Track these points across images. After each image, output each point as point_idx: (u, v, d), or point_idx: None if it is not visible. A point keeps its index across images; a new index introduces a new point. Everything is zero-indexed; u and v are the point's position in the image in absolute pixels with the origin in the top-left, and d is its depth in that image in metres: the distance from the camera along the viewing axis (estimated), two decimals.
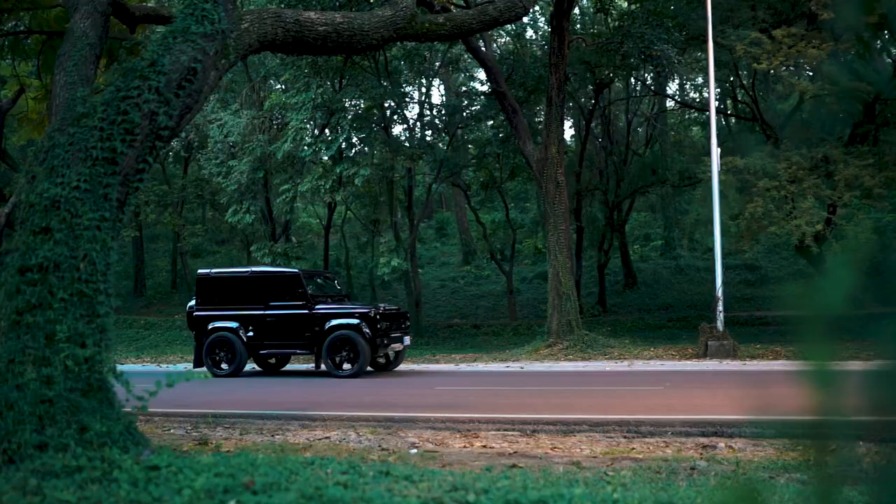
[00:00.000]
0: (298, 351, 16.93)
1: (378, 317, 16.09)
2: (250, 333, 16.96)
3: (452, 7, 17.27)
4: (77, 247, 5.29)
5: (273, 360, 18.45)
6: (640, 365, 17.11)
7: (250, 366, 18.60)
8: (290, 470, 4.56)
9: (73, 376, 4.96)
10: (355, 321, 16.04)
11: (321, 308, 16.55)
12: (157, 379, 5.36)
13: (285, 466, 4.62)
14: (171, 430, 10.20)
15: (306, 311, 16.50)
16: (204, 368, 17.24)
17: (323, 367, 16.43)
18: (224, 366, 17.07)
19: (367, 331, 15.91)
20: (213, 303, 17.31)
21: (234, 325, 17.06)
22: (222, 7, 6.31)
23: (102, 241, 5.39)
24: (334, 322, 16.19)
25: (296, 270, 17.22)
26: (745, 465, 6.51)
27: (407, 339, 17.42)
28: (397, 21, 8.12)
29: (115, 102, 5.73)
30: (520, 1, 9.50)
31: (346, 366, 15.96)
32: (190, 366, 19.20)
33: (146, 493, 3.83)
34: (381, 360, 17.19)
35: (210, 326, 17.20)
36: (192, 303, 17.75)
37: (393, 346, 16.60)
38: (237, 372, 17.03)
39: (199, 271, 18.23)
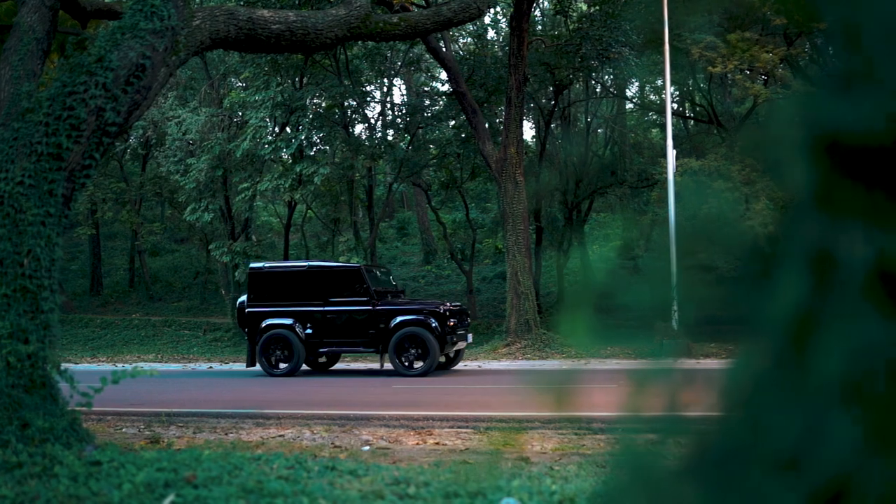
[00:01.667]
0: (361, 349, 16.24)
1: (447, 313, 15.54)
2: (308, 331, 16.16)
3: (413, 7, 17.33)
4: (21, 242, 5.25)
5: (324, 359, 17.57)
6: (596, 364, 17.31)
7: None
8: (235, 465, 4.58)
9: (15, 372, 4.92)
10: (424, 318, 15.44)
11: (385, 304, 15.91)
12: (105, 377, 5.34)
13: (229, 461, 4.64)
14: (124, 430, 10.13)
15: (370, 308, 15.81)
16: (258, 367, 16.54)
17: (388, 365, 15.82)
18: (280, 365, 16.28)
19: (437, 327, 15.29)
20: (267, 298, 16.47)
21: (290, 321, 16.25)
22: (172, 4, 6.31)
23: (47, 237, 5.36)
24: (401, 319, 15.56)
25: (357, 265, 16.63)
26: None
27: (469, 337, 16.82)
28: (351, 20, 8.17)
29: (60, 98, 5.70)
30: (474, 2, 9.61)
31: (415, 364, 15.37)
32: (143, 365, 18.74)
33: (85, 488, 3.83)
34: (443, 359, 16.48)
35: (264, 324, 16.34)
36: (243, 299, 16.95)
37: (459, 343, 16.03)
38: (294, 371, 16.23)
39: (252, 265, 17.40)
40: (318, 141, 25.29)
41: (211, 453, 4.97)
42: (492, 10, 26.39)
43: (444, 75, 28.18)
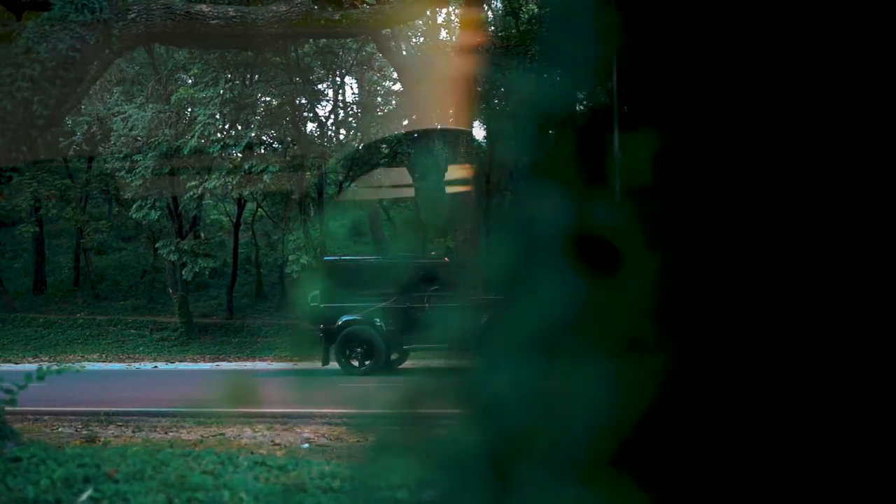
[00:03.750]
0: (448, 346, 15.25)
1: None
2: (391, 327, 15.24)
3: (365, 6, 17.30)
4: None
5: (393, 357, 16.25)
6: None
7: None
8: (161, 461, 4.55)
9: None
10: None
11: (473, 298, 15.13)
12: (30, 374, 5.25)
13: (156, 457, 4.61)
14: (60, 429, 9.97)
15: (455, 303, 14.80)
16: (336, 365, 15.42)
17: None
18: (359, 363, 15.26)
19: None
20: (343, 293, 15.43)
21: (370, 317, 15.32)
22: None
23: None
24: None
25: (442, 258, 16.02)
26: None
27: None
28: (291, 17, 8.14)
29: None
30: (416, 1, 9.66)
31: None
32: (74, 366, 18.17)
33: (2, 485, 3.78)
34: None
35: (341, 320, 15.36)
36: (315, 293, 15.97)
37: None
38: (375, 369, 15.10)
39: (326, 258, 16.71)
40: (268, 139, 25.08)
41: (138, 449, 4.93)
42: (444, 11, 26.44)
43: (395, 74, 28.18)
